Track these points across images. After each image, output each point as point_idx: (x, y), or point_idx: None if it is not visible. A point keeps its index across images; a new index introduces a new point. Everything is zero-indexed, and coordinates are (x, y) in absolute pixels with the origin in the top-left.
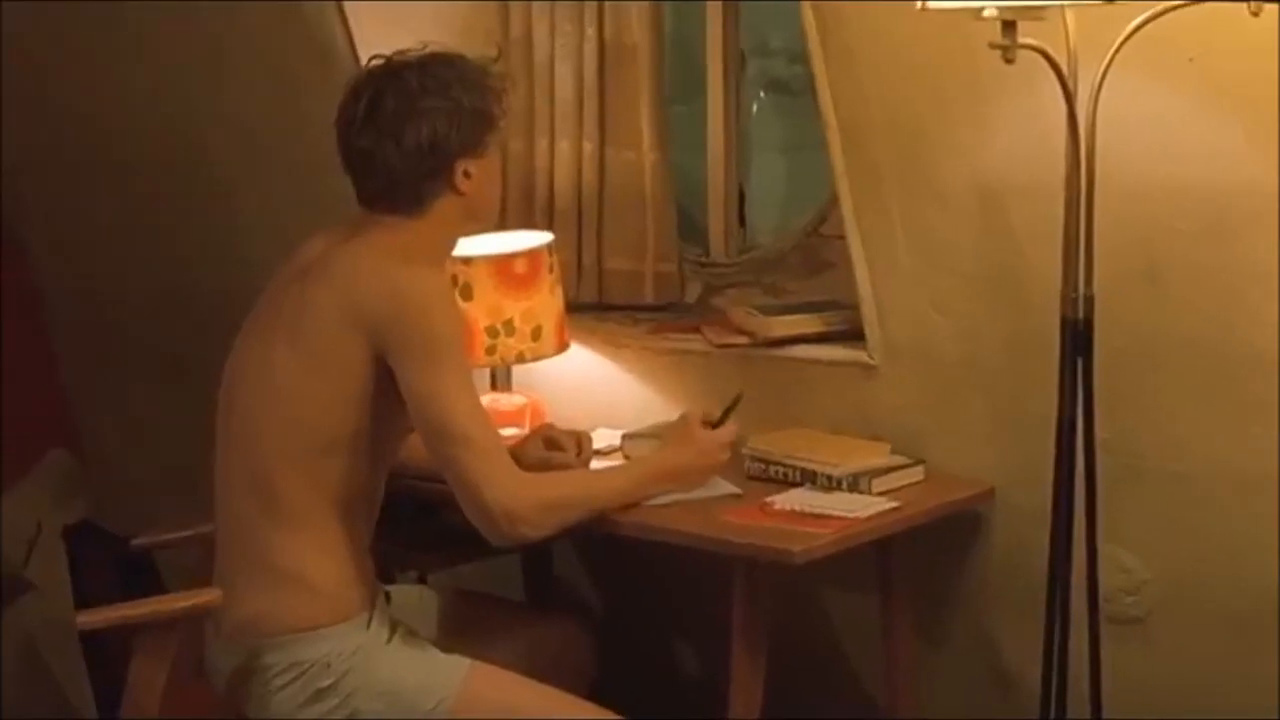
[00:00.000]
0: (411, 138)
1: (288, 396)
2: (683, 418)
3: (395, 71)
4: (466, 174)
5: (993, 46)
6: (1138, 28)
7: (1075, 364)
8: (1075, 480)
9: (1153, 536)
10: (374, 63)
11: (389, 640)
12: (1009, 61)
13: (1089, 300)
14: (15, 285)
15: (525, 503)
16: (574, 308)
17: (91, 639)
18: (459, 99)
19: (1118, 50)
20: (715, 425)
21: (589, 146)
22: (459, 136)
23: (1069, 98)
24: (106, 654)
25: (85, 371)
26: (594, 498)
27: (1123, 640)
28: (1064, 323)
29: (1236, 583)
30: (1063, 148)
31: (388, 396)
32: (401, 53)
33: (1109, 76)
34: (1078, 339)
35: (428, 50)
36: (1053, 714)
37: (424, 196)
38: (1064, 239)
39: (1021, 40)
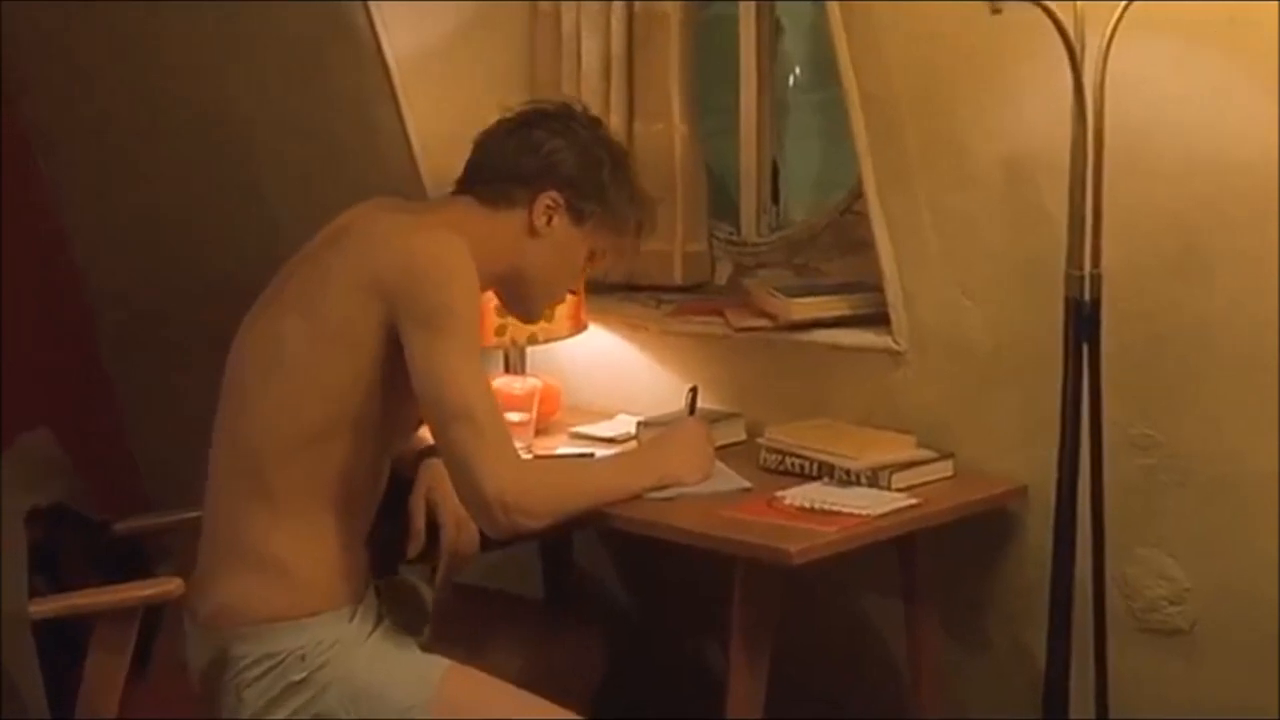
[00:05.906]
0: (539, 137)
1: (294, 370)
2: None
3: (570, 108)
4: (550, 214)
5: None
6: None
7: (1080, 349)
8: (1079, 475)
9: (1198, 544)
10: None
11: (369, 636)
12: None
13: (1095, 280)
14: (58, 279)
15: (523, 489)
16: (602, 289)
17: (57, 630)
18: (603, 164)
19: (1123, 12)
20: None
21: (616, 119)
22: (572, 174)
23: (1073, 60)
24: (74, 646)
25: (128, 362)
26: (596, 487)
27: (1166, 652)
28: (1068, 304)
29: None
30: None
31: (397, 379)
32: None
33: (1140, 44)
34: (1082, 322)
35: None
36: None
37: (502, 195)
38: (1069, 213)
39: None
